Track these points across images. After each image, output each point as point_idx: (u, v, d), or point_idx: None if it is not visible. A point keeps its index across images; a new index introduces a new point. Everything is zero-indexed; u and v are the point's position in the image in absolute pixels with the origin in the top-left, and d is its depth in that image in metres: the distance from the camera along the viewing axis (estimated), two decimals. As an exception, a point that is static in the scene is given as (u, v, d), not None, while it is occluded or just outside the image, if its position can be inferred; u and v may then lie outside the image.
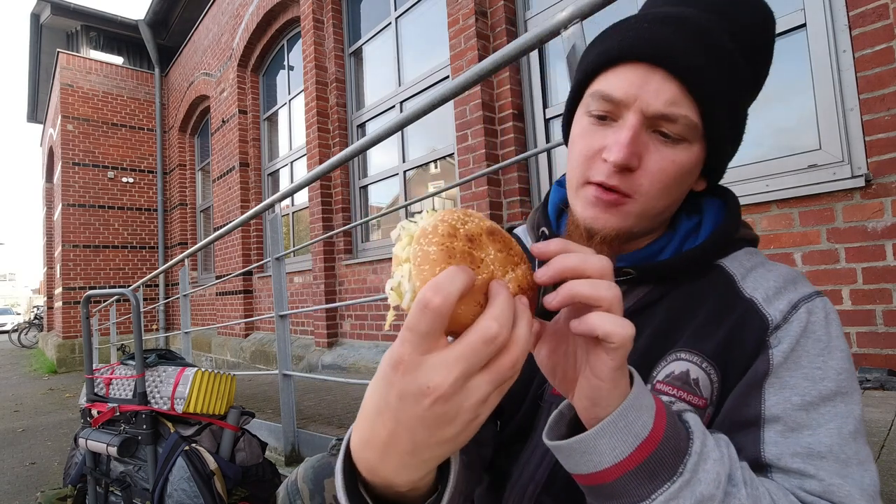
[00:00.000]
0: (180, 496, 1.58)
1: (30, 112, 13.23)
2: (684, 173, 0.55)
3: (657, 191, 0.55)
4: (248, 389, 4.04)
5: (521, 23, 3.36)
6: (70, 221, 8.81)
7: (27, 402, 5.81)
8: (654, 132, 0.54)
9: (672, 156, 0.54)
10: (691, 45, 0.52)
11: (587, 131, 0.58)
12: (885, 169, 1.84)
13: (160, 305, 8.71)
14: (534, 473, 0.63)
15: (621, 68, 0.55)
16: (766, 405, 0.51)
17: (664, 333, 0.58)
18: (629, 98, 0.53)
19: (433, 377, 0.32)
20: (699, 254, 0.59)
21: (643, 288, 0.61)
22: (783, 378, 0.51)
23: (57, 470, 3.19)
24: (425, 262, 0.35)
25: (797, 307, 0.54)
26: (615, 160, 0.53)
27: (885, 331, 1.82)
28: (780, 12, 2.14)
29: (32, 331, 14.62)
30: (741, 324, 0.55)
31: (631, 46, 0.54)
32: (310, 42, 5.05)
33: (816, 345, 0.52)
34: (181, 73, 8.96)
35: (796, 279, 0.57)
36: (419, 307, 0.32)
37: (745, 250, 0.62)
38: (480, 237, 0.38)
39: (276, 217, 2.50)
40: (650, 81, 0.52)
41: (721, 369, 0.54)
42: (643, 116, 0.53)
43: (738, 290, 0.57)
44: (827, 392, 0.50)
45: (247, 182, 6.80)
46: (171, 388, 1.82)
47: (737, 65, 0.53)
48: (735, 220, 0.61)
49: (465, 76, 1.31)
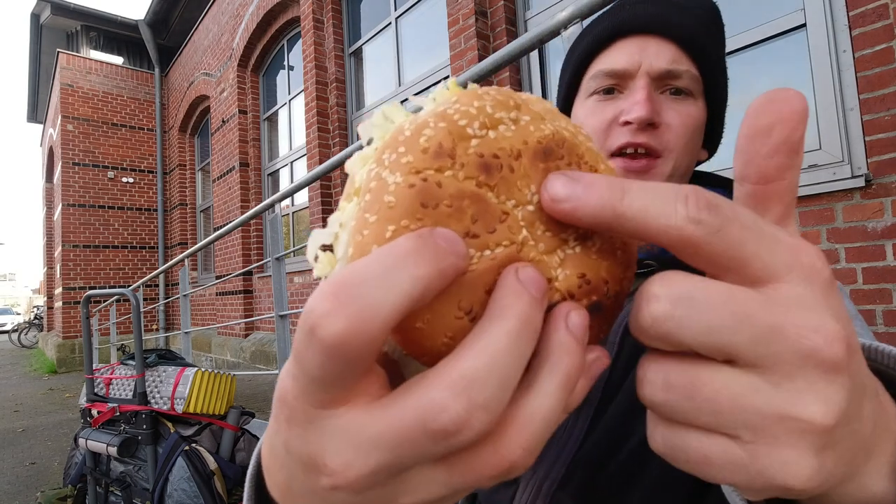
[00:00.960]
0: (180, 496, 1.58)
1: (30, 112, 13.23)
2: (699, 127, 0.57)
3: (683, 144, 0.55)
4: (248, 389, 4.05)
5: (521, 23, 3.36)
6: (70, 221, 8.81)
7: (27, 402, 5.81)
8: (664, 92, 0.56)
9: (686, 109, 0.56)
10: (677, 13, 0.56)
11: (595, 109, 0.58)
12: (885, 169, 1.84)
13: (160, 305, 8.71)
14: (549, 470, 0.60)
15: (617, 45, 0.57)
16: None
17: None
18: (633, 65, 0.55)
19: (331, 454, 0.18)
20: None
21: None
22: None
23: (57, 470, 3.19)
24: (372, 208, 0.19)
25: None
26: (638, 116, 0.53)
27: (885, 331, 1.82)
28: (780, 12, 2.14)
29: (32, 331, 14.62)
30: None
31: (623, 23, 0.57)
32: (310, 42, 5.05)
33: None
34: (181, 73, 8.96)
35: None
36: (302, 330, 0.16)
37: None
38: (517, 160, 0.20)
39: (276, 217, 2.50)
40: (648, 47, 0.56)
41: None
42: (650, 78, 0.55)
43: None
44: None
45: (247, 182, 6.80)
46: (171, 388, 1.82)
47: (712, 28, 0.58)
48: None
49: (465, 76, 1.31)
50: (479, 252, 0.18)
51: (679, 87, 0.56)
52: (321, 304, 0.16)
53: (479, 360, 0.17)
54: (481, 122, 0.19)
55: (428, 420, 0.16)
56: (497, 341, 0.17)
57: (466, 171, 0.18)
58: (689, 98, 0.56)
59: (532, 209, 0.19)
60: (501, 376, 0.17)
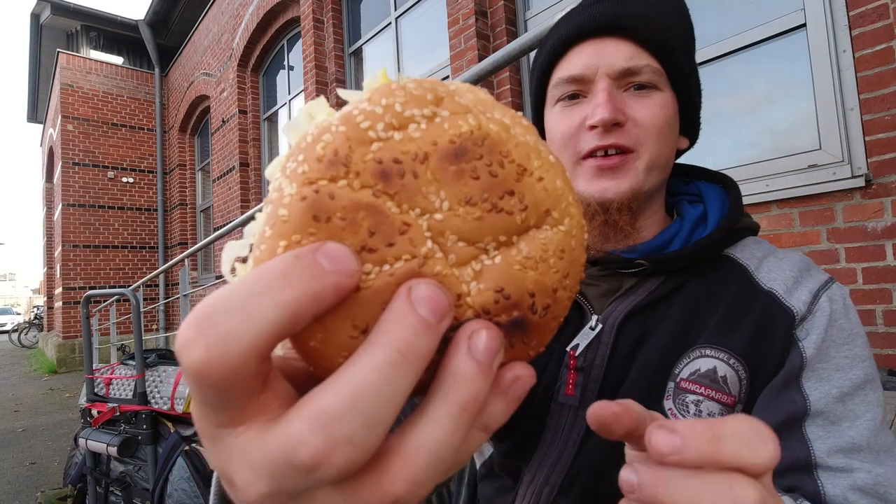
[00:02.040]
0: (180, 496, 1.58)
1: (30, 112, 13.23)
2: (669, 117, 0.57)
3: (655, 136, 0.56)
4: (248, 389, 4.05)
5: (521, 23, 3.36)
6: (70, 221, 8.81)
7: (27, 402, 5.81)
8: (627, 90, 0.56)
9: (652, 102, 0.56)
10: (629, 9, 0.55)
11: (562, 115, 0.59)
12: (885, 169, 1.84)
13: (160, 305, 8.70)
14: (549, 476, 0.60)
15: (574, 51, 0.58)
16: (810, 400, 0.50)
17: (684, 328, 0.56)
18: (591, 69, 0.56)
19: (234, 472, 0.18)
20: (710, 244, 0.58)
21: (654, 280, 0.59)
22: (818, 371, 0.51)
23: (57, 470, 3.19)
24: (269, 221, 0.18)
25: (818, 297, 0.53)
26: (601, 118, 0.54)
27: (885, 331, 1.82)
28: (780, 12, 2.14)
29: (32, 331, 14.62)
30: (766, 318, 0.54)
31: (577, 28, 0.57)
32: (310, 42, 5.05)
33: (841, 334, 0.52)
34: (181, 73, 8.96)
35: (809, 266, 0.57)
36: (179, 352, 0.16)
37: (752, 239, 0.61)
38: (423, 164, 0.18)
39: (276, 217, 2.49)
40: (604, 48, 0.56)
41: (750, 366, 0.53)
42: (610, 78, 0.56)
43: (755, 281, 0.56)
44: (858, 381, 0.50)
45: (247, 182, 6.80)
46: (171, 388, 1.82)
47: (671, 18, 0.57)
48: (739, 209, 0.61)
49: (465, 76, 1.31)
50: (377, 267, 0.17)
51: (642, 83, 0.56)
52: (184, 333, 0.15)
53: (340, 396, 0.16)
54: (387, 123, 0.18)
55: (289, 454, 0.16)
56: (364, 375, 0.16)
57: (362, 179, 0.17)
58: (654, 91, 0.56)
59: (441, 217, 0.17)
60: (367, 412, 0.16)
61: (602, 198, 0.56)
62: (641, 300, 0.58)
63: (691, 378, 0.54)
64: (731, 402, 0.53)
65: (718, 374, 0.53)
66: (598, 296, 0.62)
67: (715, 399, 0.53)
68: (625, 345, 0.58)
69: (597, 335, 0.59)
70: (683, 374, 0.54)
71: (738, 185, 0.64)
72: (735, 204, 0.61)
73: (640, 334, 0.58)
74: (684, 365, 0.55)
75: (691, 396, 0.53)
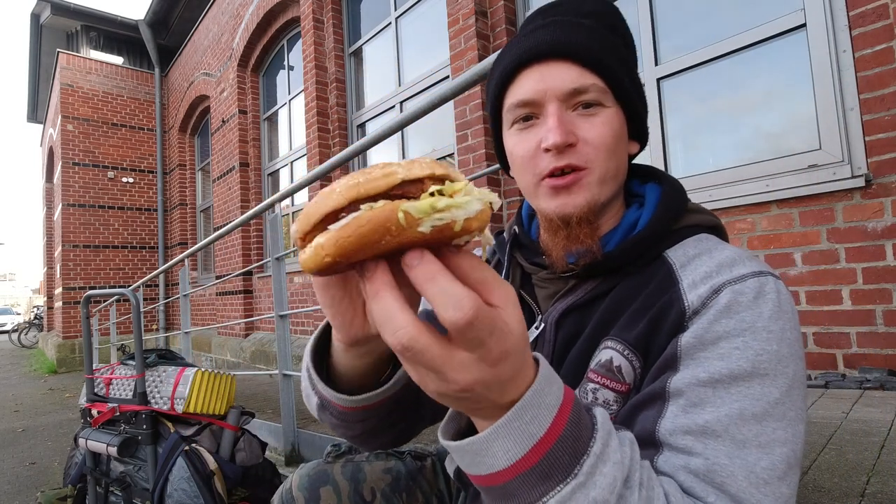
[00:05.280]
0: (180, 496, 1.58)
1: (30, 112, 13.22)
2: (617, 132, 0.60)
3: (604, 153, 0.59)
4: (248, 389, 4.04)
5: (521, 23, 3.36)
6: (70, 221, 8.81)
7: (27, 402, 5.81)
8: (576, 110, 0.59)
9: (600, 120, 0.59)
10: (569, 34, 0.59)
11: (520, 138, 0.62)
12: (885, 169, 1.84)
13: (160, 305, 8.70)
14: None
15: (522, 75, 0.61)
16: (672, 379, 0.50)
17: (604, 324, 0.59)
18: (539, 93, 0.59)
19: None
20: (636, 244, 0.60)
21: (592, 281, 0.63)
22: (697, 359, 0.50)
23: (57, 470, 3.19)
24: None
25: (719, 291, 0.52)
26: (553, 143, 0.57)
27: (885, 331, 1.82)
28: (780, 12, 2.14)
29: (32, 331, 14.62)
30: (662, 311, 0.55)
31: (523, 54, 0.60)
32: (310, 42, 5.05)
33: (739, 325, 0.50)
34: (181, 73, 8.96)
35: (735, 262, 0.55)
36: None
37: (697, 238, 0.61)
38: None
39: (276, 217, 2.50)
40: (550, 72, 0.59)
41: (643, 356, 0.55)
42: (559, 101, 0.59)
43: (676, 278, 0.57)
44: (740, 371, 0.48)
45: (247, 182, 6.80)
46: (171, 388, 1.82)
47: (608, 37, 0.60)
48: (671, 208, 0.61)
49: (465, 76, 1.31)
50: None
51: (589, 101, 0.59)
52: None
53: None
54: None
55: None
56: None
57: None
58: (600, 108, 0.59)
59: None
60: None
61: (562, 213, 0.60)
62: (577, 299, 0.63)
63: (594, 368, 0.57)
64: (625, 390, 0.55)
65: (614, 364, 0.56)
66: (546, 297, 0.67)
67: (609, 387, 0.56)
68: (562, 340, 0.63)
69: (540, 333, 0.65)
70: (592, 364, 0.58)
71: (677, 185, 0.65)
72: (665, 203, 0.62)
73: (575, 331, 0.62)
74: (595, 357, 0.58)
75: (591, 385, 0.57)
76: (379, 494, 0.77)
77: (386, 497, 0.77)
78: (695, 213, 0.64)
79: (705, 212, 0.65)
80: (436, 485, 0.83)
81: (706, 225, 0.63)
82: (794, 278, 2.02)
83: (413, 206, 0.32)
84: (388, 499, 0.77)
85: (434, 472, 0.84)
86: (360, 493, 0.76)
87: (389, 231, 0.32)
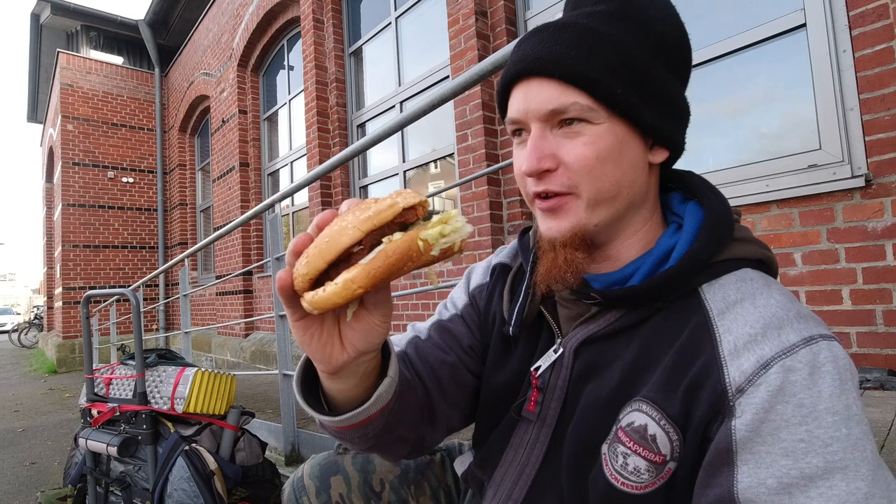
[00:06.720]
0: (180, 496, 1.58)
1: (30, 112, 13.22)
2: (606, 151, 0.54)
3: (586, 176, 0.54)
4: (248, 389, 4.04)
5: (521, 23, 3.36)
6: (70, 221, 8.81)
7: (27, 402, 5.81)
8: (560, 129, 0.55)
9: (583, 141, 0.54)
10: (551, 46, 0.54)
11: (517, 153, 0.60)
12: (885, 169, 1.83)
13: (160, 305, 8.70)
14: (511, 490, 0.63)
15: (513, 92, 0.59)
16: (738, 488, 0.44)
17: (636, 370, 0.54)
18: (521, 114, 0.57)
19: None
20: (666, 282, 0.54)
21: (615, 312, 0.58)
22: (758, 454, 0.44)
23: (57, 470, 3.19)
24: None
25: (768, 367, 0.45)
26: (527, 169, 0.56)
27: (885, 331, 1.82)
28: (780, 12, 2.14)
29: (32, 331, 14.61)
30: (699, 380, 0.49)
31: (511, 70, 0.58)
32: (310, 42, 5.05)
33: (797, 411, 0.43)
34: (181, 73, 8.95)
35: (783, 322, 0.48)
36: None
37: (741, 274, 0.54)
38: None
39: (276, 217, 2.49)
40: (531, 91, 0.56)
41: (682, 430, 0.50)
42: (540, 121, 0.56)
43: (711, 330, 0.51)
44: (812, 470, 0.42)
45: (247, 182, 6.80)
46: (171, 388, 1.82)
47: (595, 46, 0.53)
48: (712, 240, 0.54)
49: (465, 76, 1.31)
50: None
51: (571, 119, 0.54)
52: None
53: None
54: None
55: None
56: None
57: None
58: (586, 126, 0.54)
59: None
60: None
61: (549, 237, 0.58)
62: (599, 329, 0.59)
63: (626, 429, 0.53)
64: (660, 461, 0.50)
65: (648, 433, 0.51)
66: (568, 318, 0.63)
67: (642, 455, 0.51)
68: (579, 370, 0.60)
69: (558, 357, 0.62)
70: (623, 422, 0.53)
71: (722, 209, 0.57)
72: (705, 236, 0.55)
73: (594, 363, 0.58)
74: (626, 413, 0.53)
75: (621, 448, 0.53)
76: (388, 486, 0.79)
77: (394, 489, 0.79)
78: (741, 243, 0.56)
79: (753, 241, 0.57)
80: (444, 479, 0.84)
81: (756, 257, 0.56)
82: (794, 278, 2.02)
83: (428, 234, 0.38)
84: (397, 490, 0.79)
85: (442, 467, 0.85)
86: (370, 483, 0.78)
87: (412, 258, 0.38)
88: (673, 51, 0.57)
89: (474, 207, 3.28)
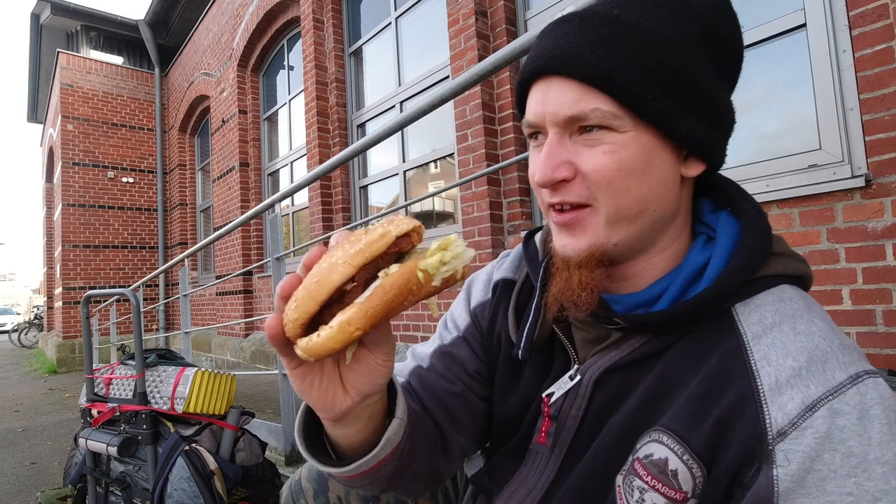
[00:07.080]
0: (180, 496, 1.58)
1: (30, 112, 13.21)
2: (630, 162, 0.48)
3: (605, 189, 0.49)
4: (248, 389, 4.04)
5: (521, 23, 3.36)
6: (70, 221, 8.81)
7: (27, 402, 5.81)
8: (580, 135, 0.50)
9: (604, 150, 0.48)
10: (575, 41, 0.48)
11: (532, 157, 0.55)
12: (885, 169, 1.83)
13: (160, 305, 8.70)
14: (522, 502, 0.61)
15: (532, 90, 0.53)
16: None
17: (656, 397, 0.50)
18: (538, 117, 0.51)
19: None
20: (699, 305, 0.48)
21: (640, 337, 0.53)
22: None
23: (57, 470, 3.19)
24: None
25: (815, 408, 0.41)
26: (539, 180, 0.50)
27: (885, 331, 1.82)
28: (780, 12, 2.14)
29: (32, 331, 14.61)
30: (731, 415, 0.44)
31: (527, 65, 0.53)
32: (310, 42, 5.05)
33: (846, 461, 0.40)
34: (181, 73, 8.96)
35: (827, 356, 0.44)
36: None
37: (779, 294, 0.49)
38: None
39: (276, 217, 2.49)
40: (550, 92, 0.50)
41: (707, 465, 0.45)
42: (557, 127, 0.50)
43: (746, 356, 0.46)
44: None
45: (247, 182, 6.80)
46: (171, 388, 1.82)
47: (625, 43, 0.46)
48: (751, 259, 0.49)
49: (465, 76, 1.31)
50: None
51: (591, 125, 0.48)
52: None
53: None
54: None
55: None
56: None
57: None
58: (607, 133, 0.48)
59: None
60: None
61: (563, 255, 0.53)
62: (623, 357, 0.53)
63: (644, 461, 0.48)
64: (680, 498, 0.46)
65: (669, 468, 0.46)
66: (585, 342, 0.58)
67: (661, 492, 0.46)
68: (600, 401, 0.55)
69: (574, 386, 0.56)
70: (641, 453, 0.49)
71: (760, 221, 0.51)
72: (744, 254, 0.49)
73: (618, 393, 0.53)
74: (644, 443, 0.49)
75: (638, 482, 0.48)
76: None
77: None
78: (779, 257, 0.51)
79: (792, 255, 0.52)
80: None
81: (796, 274, 0.51)
82: (794, 278, 2.02)
83: (427, 264, 0.35)
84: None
85: None
86: None
87: (412, 291, 0.35)
88: (720, 46, 0.50)
89: (474, 207, 3.28)
